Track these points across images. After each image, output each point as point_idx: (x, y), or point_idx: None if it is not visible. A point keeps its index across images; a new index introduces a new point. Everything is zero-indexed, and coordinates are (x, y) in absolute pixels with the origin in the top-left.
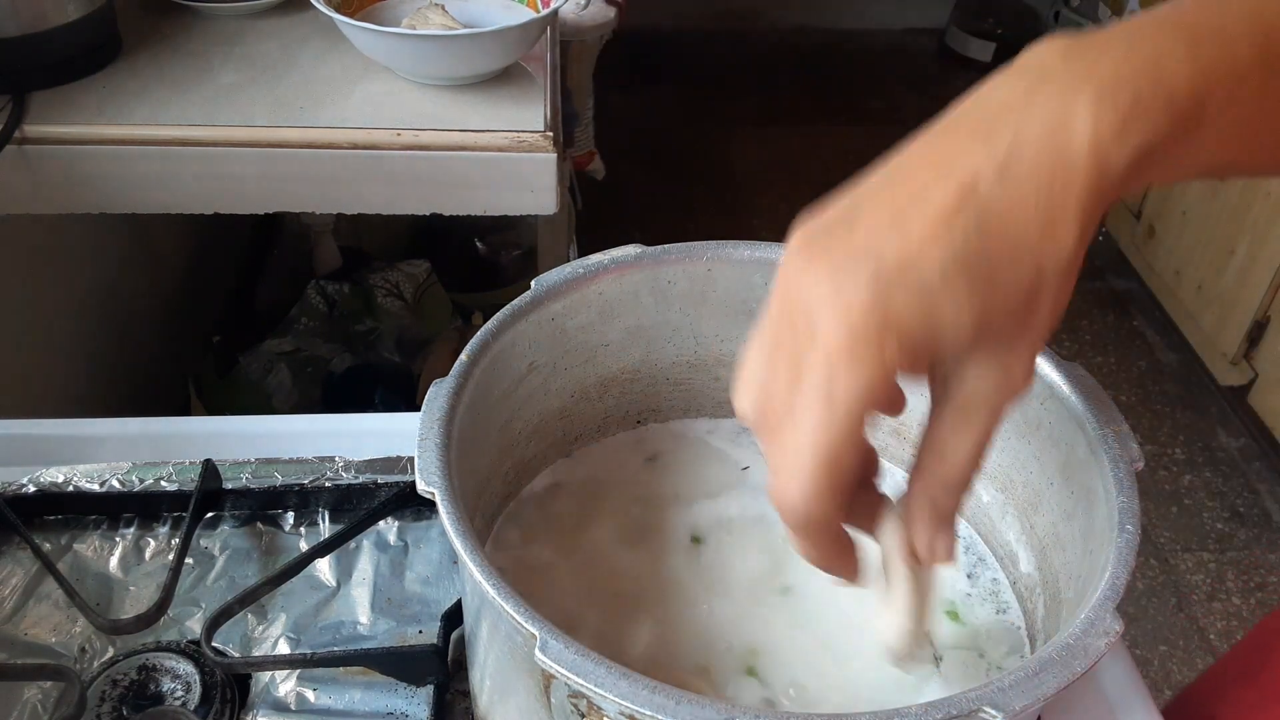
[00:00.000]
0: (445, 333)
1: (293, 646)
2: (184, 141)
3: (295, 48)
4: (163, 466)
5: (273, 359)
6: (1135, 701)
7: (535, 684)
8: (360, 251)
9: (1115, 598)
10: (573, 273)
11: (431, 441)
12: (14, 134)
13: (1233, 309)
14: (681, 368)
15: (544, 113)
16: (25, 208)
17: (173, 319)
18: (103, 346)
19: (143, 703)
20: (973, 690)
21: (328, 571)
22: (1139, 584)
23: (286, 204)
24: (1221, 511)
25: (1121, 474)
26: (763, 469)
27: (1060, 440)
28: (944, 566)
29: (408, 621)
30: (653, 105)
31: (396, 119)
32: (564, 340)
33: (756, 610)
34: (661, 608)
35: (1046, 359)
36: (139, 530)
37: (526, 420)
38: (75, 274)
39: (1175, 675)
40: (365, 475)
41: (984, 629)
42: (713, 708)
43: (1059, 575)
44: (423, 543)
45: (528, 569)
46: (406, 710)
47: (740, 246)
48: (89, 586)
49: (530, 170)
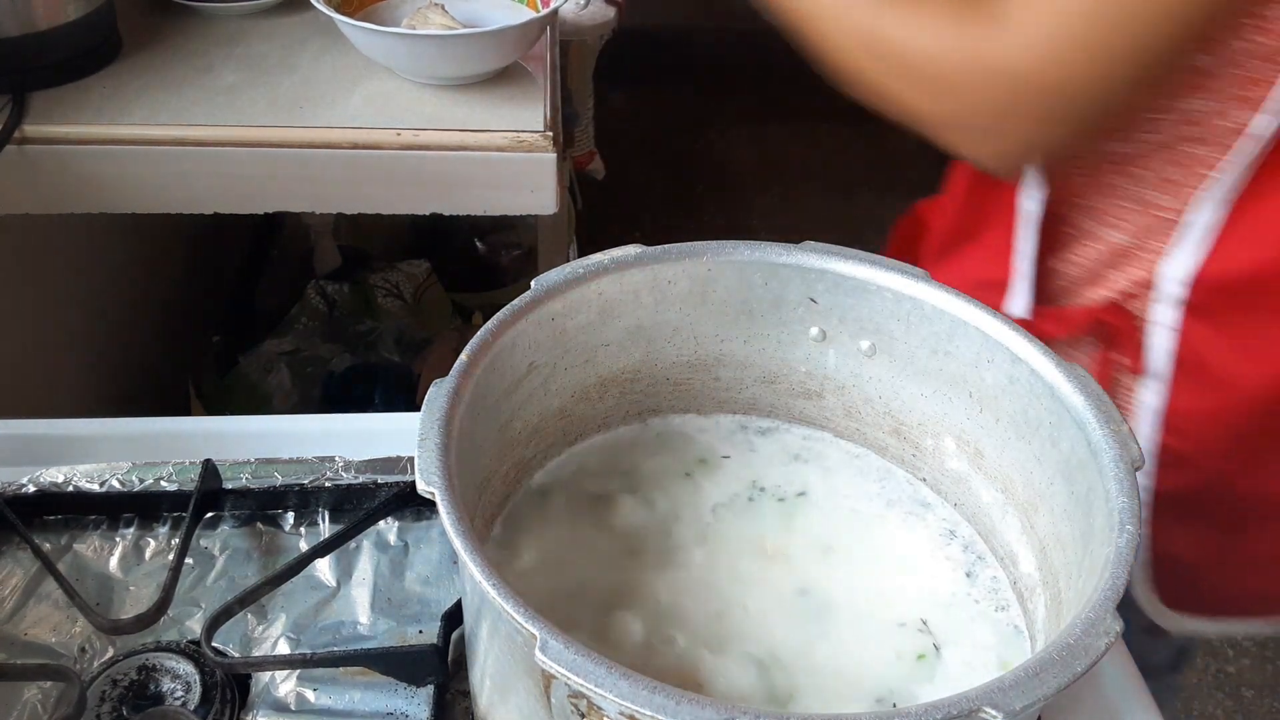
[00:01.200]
0: (445, 333)
1: (293, 646)
2: (184, 141)
3: (295, 48)
4: (163, 466)
5: (273, 359)
6: (1135, 701)
7: (535, 684)
8: (360, 251)
9: (1115, 598)
10: (573, 273)
11: (431, 441)
12: (14, 134)
13: None
14: (681, 368)
15: (544, 113)
16: (25, 208)
17: (173, 319)
18: (102, 346)
19: (143, 703)
20: (973, 690)
21: (328, 571)
22: None
23: (286, 204)
24: None
25: (1121, 474)
26: (745, 460)
27: (1060, 440)
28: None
29: (408, 621)
30: (653, 105)
31: (396, 119)
32: (564, 340)
33: (753, 599)
34: (657, 602)
35: (1047, 359)
36: (139, 530)
37: (526, 420)
38: (75, 274)
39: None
40: (365, 475)
41: (984, 629)
42: (713, 708)
43: (1059, 575)
44: (423, 543)
45: (526, 568)
46: (406, 710)
47: (740, 246)
48: (89, 586)
49: (530, 170)
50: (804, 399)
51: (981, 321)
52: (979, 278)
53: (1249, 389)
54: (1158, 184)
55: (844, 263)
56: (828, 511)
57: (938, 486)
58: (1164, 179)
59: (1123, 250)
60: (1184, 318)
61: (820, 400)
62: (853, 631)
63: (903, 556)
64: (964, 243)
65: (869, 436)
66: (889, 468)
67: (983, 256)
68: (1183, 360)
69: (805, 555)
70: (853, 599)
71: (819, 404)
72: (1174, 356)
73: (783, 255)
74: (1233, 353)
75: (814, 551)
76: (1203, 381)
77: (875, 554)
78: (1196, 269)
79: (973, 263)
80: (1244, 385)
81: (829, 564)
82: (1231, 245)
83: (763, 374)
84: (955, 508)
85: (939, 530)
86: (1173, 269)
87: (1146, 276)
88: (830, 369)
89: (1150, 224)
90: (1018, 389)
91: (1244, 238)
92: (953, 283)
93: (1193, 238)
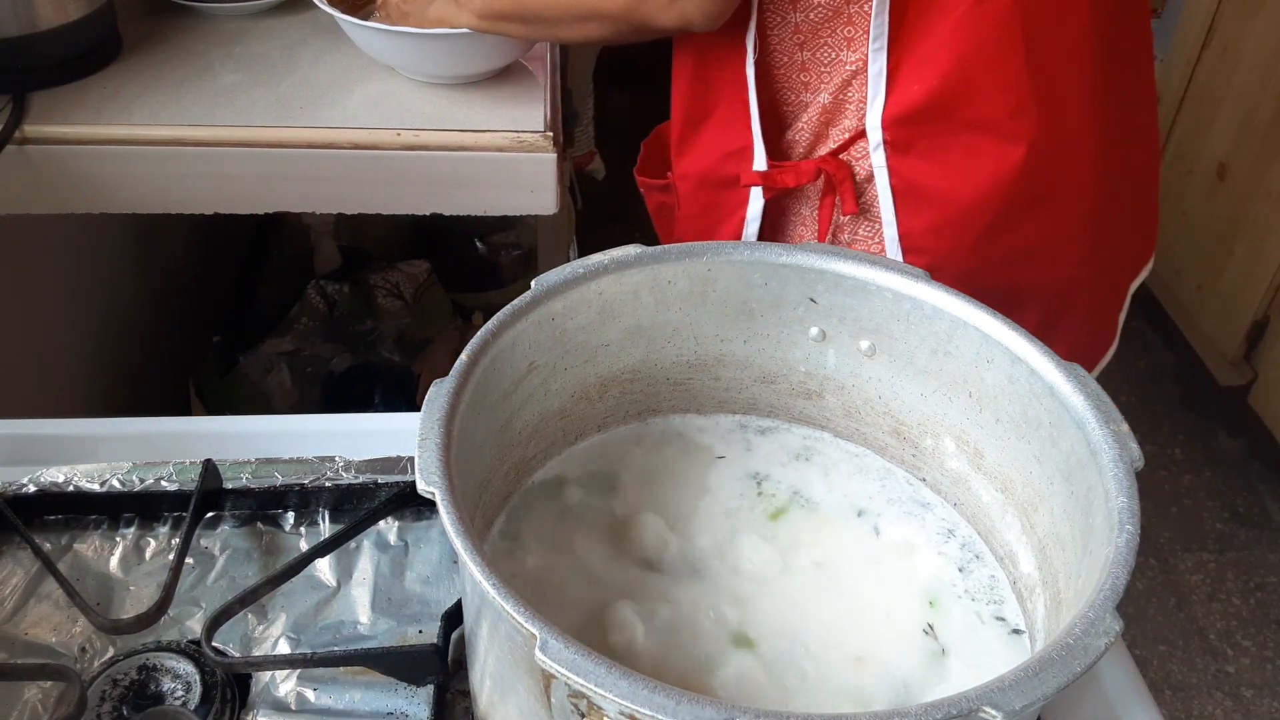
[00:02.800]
0: (445, 333)
1: (293, 646)
2: (184, 141)
3: (295, 48)
4: (163, 466)
5: (273, 359)
6: (1135, 701)
7: (535, 684)
8: (360, 251)
9: (1115, 598)
10: (573, 273)
11: (431, 441)
12: (14, 134)
13: (1233, 309)
14: (681, 368)
15: (544, 113)
16: (25, 208)
17: (173, 319)
18: (103, 346)
19: (143, 702)
20: (972, 690)
21: (328, 571)
22: (1139, 584)
23: (286, 204)
24: (1221, 511)
25: (1121, 474)
26: (745, 460)
27: (1060, 440)
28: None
29: (408, 621)
30: (653, 105)
31: (396, 119)
32: (564, 340)
33: (753, 597)
34: (657, 601)
35: (1047, 359)
36: (139, 530)
37: (526, 420)
38: (75, 274)
39: (1175, 675)
40: (365, 475)
41: (984, 628)
42: (713, 707)
43: (1059, 575)
44: (423, 543)
45: (526, 568)
46: (406, 710)
47: (740, 247)
48: (89, 586)
49: (530, 170)
50: (804, 399)
51: (981, 321)
52: (725, 150)
53: (966, 199)
54: (839, 44)
55: (844, 263)
56: (827, 511)
57: (937, 486)
58: (843, 38)
59: (831, 108)
60: (889, 155)
61: (820, 400)
62: (854, 631)
63: (903, 556)
64: (701, 125)
65: (869, 436)
66: (889, 468)
67: (721, 131)
68: (899, 189)
69: (805, 554)
70: (852, 598)
71: (819, 404)
72: (890, 189)
73: (783, 255)
74: (941, 171)
75: (814, 551)
76: (922, 203)
77: (875, 554)
78: (883, 111)
79: (714, 139)
80: (961, 197)
81: (829, 564)
82: (905, 83)
83: (763, 374)
84: (955, 508)
85: (939, 530)
86: (872, 118)
87: (858, 127)
88: (830, 369)
89: (844, 78)
90: (1017, 389)
91: (912, 74)
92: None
93: (876, 86)
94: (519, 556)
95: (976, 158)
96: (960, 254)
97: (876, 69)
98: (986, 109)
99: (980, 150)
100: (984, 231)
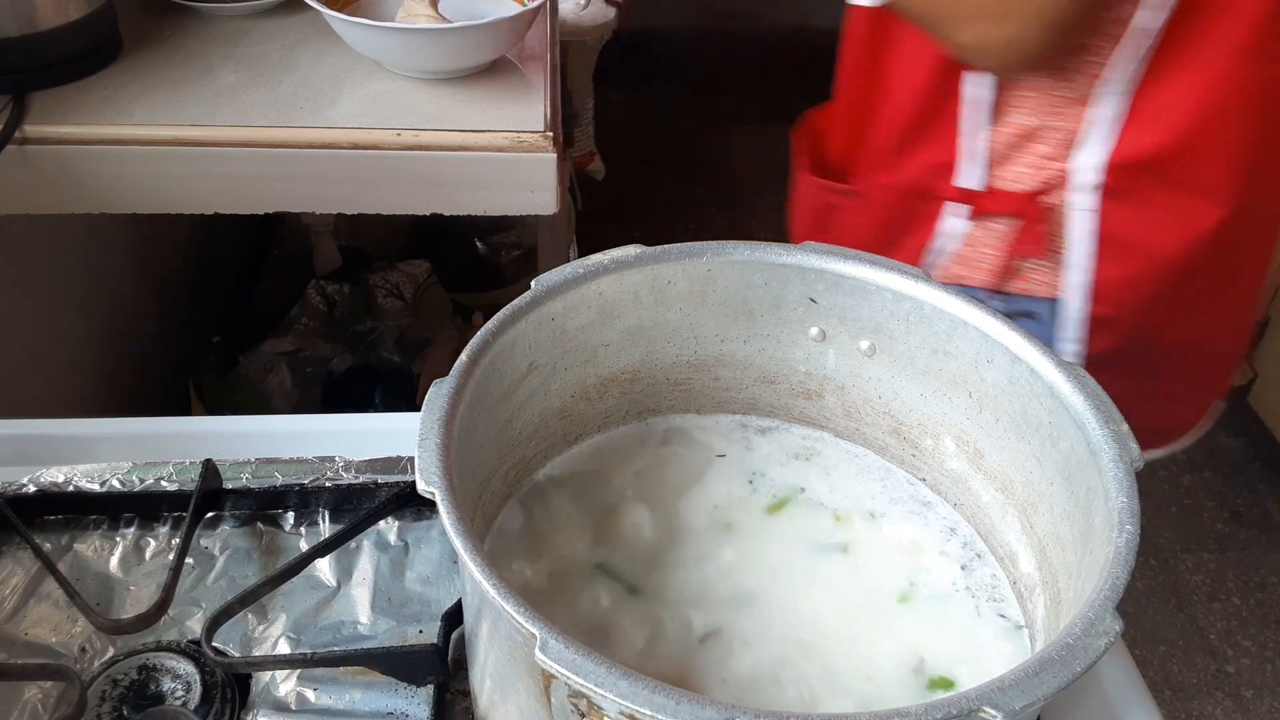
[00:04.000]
0: (445, 333)
1: (293, 646)
2: (184, 141)
3: (295, 48)
4: (163, 466)
5: (273, 359)
6: (1135, 701)
7: (535, 684)
8: (360, 251)
9: (1115, 598)
10: (573, 273)
11: (431, 441)
12: (14, 134)
13: None
14: (681, 368)
15: (544, 113)
16: (25, 208)
17: (173, 319)
18: (103, 346)
19: (143, 703)
20: (972, 690)
21: (328, 571)
22: (1139, 584)
23: (286, 204)
24: (1221, 511)
25: (1121, 474)
26: (745, 459)
27: (1060, 440)
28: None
29: (408, 621)
30: (652, 105)
31: (396, 119)
32: (564, 340)
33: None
34: (657, 601)
35: (1047, 359)
36: (139, 530)
37: (526, 420)
38: (75, 274)
39: (1175, 675)
40: (365, 475)
41: (984, 628)
42: (713, 708)
43: (1059, 575)
44: (423, 543)
45: (527, 567)
46: (406, 710)
47: (740, 247)
48: (89, 586)
49: (530, 170)
50: (804, 399)
51: (981, 321)
52: (932, 163)
53: (1162, 254)
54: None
55: (844, 263)
56: (827, 511)
57: (937, 486)
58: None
59: (1027, 132)
60: (1101, 200)
61: (820, 400)
62: (854, 631)
63: (908, 555)
64: (921, 135)
65: (869, 436)
66: (889, 467)
67: (938, 144)
68: (1104, 237)
69: (805, 553)
70: (854, 597)
71: (819, 404)
72: (1096, 235)
73: (783, 255)
74: (1145, 225)
75: (814, 550)
76: (1122, 253)
77: (875, 554)
78: (1109, 155)
79: (927, 152)
80: (1157, 252)
81: (829, 563)
82: (1136, 132)
83: (763, 374)
84: (955, 507)
85: (939, 530)
86: (1086, 159)
87: (1058, 165)
88: (830, 369)
89: (1050, 104)
90: (1017, 389)
91: (1146, 125)
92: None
93: (1101, 130)
94: (519, 556)
95: (1179, 214)
96: (1144, 308)
97: (1110, 112)
98: (1204, 171)
99: (1184, 208)
100: (1170, 289)
